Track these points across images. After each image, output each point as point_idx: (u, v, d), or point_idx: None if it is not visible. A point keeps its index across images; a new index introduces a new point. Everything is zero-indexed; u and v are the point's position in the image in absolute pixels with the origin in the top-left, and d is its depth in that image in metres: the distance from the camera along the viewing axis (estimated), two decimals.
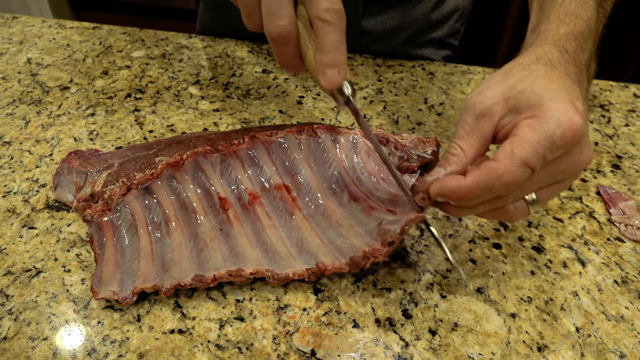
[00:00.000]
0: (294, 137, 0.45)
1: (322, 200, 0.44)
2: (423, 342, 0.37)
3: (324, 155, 0.46)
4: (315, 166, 0.46)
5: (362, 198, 0.43)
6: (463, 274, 0.39)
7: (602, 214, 0.48)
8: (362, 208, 0.42)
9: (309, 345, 0.36)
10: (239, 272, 0.39)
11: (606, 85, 0.65)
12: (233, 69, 0.65)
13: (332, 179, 0.45)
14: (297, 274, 0.39)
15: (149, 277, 0.39)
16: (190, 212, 0.42)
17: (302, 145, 0.46)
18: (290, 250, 0.41)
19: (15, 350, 0.35)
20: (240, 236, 0.41)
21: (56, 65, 0.65)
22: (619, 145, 0.56)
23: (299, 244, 0.41)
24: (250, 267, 0.39)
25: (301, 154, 0.46)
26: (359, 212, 0.42)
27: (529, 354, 0.37)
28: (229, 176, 0.44)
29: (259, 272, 0.39)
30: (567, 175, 0.34)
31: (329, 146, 0.46)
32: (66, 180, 0.46)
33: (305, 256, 0.40)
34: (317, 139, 0.46)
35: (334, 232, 0.41)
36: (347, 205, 0.43)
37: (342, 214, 0.43)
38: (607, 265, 0.43)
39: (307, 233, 0.42)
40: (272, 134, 0.45)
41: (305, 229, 0.42)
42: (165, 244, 0.41)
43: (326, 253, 0.40)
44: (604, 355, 0.37)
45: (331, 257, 0.40)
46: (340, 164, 0.45)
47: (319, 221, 0.42)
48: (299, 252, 0.41)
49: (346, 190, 0.44)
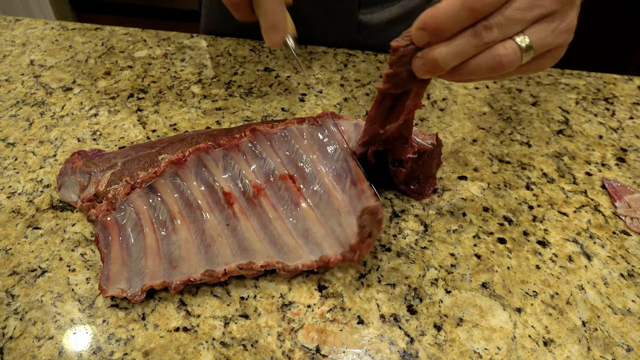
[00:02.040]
0: (295, 127, 0.45)
1: (327, 189, 0.43)
2: (428, 338, 0.37)
3: (327, 141, 0.45)
4: (319, 153, 0.45)
5: (359, 182, 0.42)
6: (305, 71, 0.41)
7: (608, 208, 0.47)
8: (357, 193, 0.42)
9: (313, 342, 0.36)
10: (250, 265, 0.39)
11: (610, 79, 0.65)
12: (235, 68, 0.65)
13: (337, 164, 0.44)
14: (306, 265, 0.39)
15: (157, 274, 0.39)
16: (195, 208, 0.42)
17: (305, 134, 0.45)
18: (297, 241, 0.41)
19: (22, 349, 0.35)
20: (248, 230, 0.41)
21: (59, 66, 0.65)
22: (624, 138, 0.56)
23: (305, 235, 0.41)
24: (260, 260, 0.39)
25: (304, 142, 0.45)
26: (355, 197, 0.42)
27: (534, 349, 0.36)
28: (232, 170, 0.44)
29: (269, 265, 0.39)
30: (553, 5, 0.32)
31: (331, 132, 0.45)
32: (70, 180, 0.46)
33: (311, 247, 0.40)
34: (319, 126, 0.46)
35: (335, 221, 0.41)
36: (349, 191, 0.43)
37: (344, 201, 0.42)
38: (613, 258, 0.43)
39: (312, 223, 0.42)
40: (274, 126, 0.45)
41: (311, 219, 0.42)
42: (172, 241, 0.41)
43: (331, 244, 0.40)
44: (610, 348, 0.37)
45: (336, 247, 0.40)
46: (344, 149, 0.45)
47: (323, 210, 0.42)
48: (306, 243, 0.41)
49: (349, 175, 0.43)
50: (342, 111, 0.58)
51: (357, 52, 0.68)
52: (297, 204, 0.43)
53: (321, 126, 0.46)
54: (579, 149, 0.54)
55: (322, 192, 0.43)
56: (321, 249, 0.40)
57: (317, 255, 0.40)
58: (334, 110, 0.58)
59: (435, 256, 0.42)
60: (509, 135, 0.55)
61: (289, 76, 0.63)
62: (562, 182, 0.50)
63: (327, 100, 0.59)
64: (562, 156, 0.53)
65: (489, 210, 0.46)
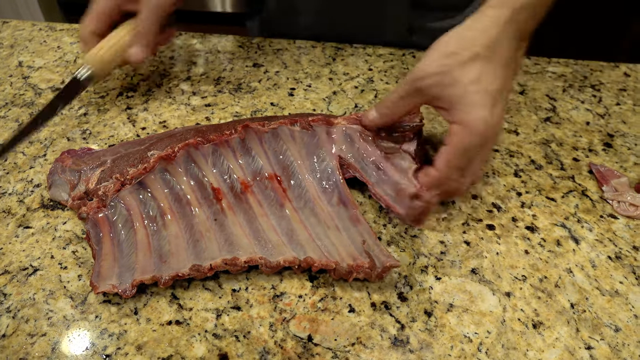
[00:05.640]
0: (287, 128, 0.46)
1: (312, 197, 0.44)
2: (419, 324, 0.37)
3: (317, 150, 0.46)
4: (307, 160, 0.46)
5: (350, 205, 0.43)
6: None
7: (595, 192, 0.48)
8: (350, 217, 0.43)
9: (305, 331, 0.37)
10: (234, 261, 0.39)
11: (597, 66, 0.65)
12: (224, 64, 0.65)
13: (324, 175, 0.45)
14: (288, 260, 0.39)
15: (148, 269, 0.39)
16: (184, 204, 0.42)
17: (296, 137, 0.46)
18: (281, 238, 0.41)
19: (15, 347, 0.36)
20: (234, 225, 0.42)
21: (47, 67, 0.65)
22: (610, 124, 0.56)
23: (289, 234, 0.41)
24: (244, 255, 0.39)
25: (294, 145, 0.46)
26: (346, 218, 0.43)
27: (524, 331, 0.37)
28: (221, 166, 0.44)
29: (252, 260, 0.39)
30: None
31: (323, 140, 0.46)
32: (60, 179, 0.46)
33: (294, 246, 0.41)
34: (311, 132, 0.46)
35: (322, 230, 0.42)
36: (336, 207, 0.43)
37: (330, 214, 0.43)
38: (601, 241, 0.43)
39: (296, 225, 0.42)
40: (265, 124, 0.46)
41: (295, 221, 0.42)
42: (162, 236, 0.41)
43: (314, 248, 0.40)
44: (599, 329, 0.37)
45: (319, 252, 0.40)
46: (333, 161, 0.45)
47: (307, 216, 0.43)
48: (290, 241, 0.41)
49: (336, 191, 0.44)
50: (331, 104, 0.58)
51: (345, 45, 0.68)
52: (281, 205, 0.43)
53: (314, 131, 0.46)
54: (566, 136, 0.54)
55: (307, 199, 0.44)
56: (304, 251, 0.40)
57: (300, 254, 0.40)
58: (322, 103, 0.58)
59: (425, 244, 0.43)
60: None
61: (277, 71, 0.63)
62: (550, 168, 0.50)
63: (316, 94, 0.60)
64: (550, 143, 0.53)
65: (477, 198, 0.47)
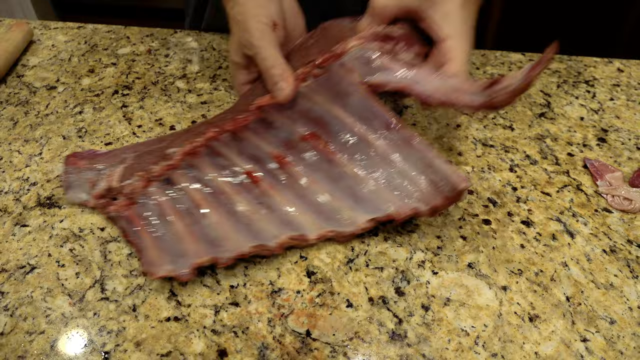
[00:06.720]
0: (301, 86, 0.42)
1: (358, 137, 0.39)
2: (416, 318, 0.38)
3: (340, 88, 0.41)
4: (335, 103, 0.42)
5: (396, 122, 0.39)
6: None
7: (590, 187, 0.48)
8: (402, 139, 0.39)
9: (303, 326, 0.37)
10: (302, 237, 0.38)
11: (590, 62, 0.66)
12: (219, 62, 0.65)
13: (359, 108, 0.41)
14: (362, 228, 0.38)
15: (201, 253, 0.38)
16: (217, 194, 0.42)
17: (313, 89, 0.42)
18: (344, 202, 0.39)
19: (13, 345, 0.36)
20: (284, 205, 0.40)
21: (42, 65, 0.64)
22: (605, 119, 0.57)
23: (352, 194, 0.39)
24: (312, 233, 0.39)
25: (316, 97, 0.42)
26: (401, 143, 0.39)
27: (520, 325, 0.37)
28: (248, 150, 0.43)
29: (322, 236, 0.39)
30: None
31: (341, 75, 0.42)
32: (78, 180, 0.45)
33: (364, 205, 0.38)
34: (325, 75, 0.42)
35: (384, 171, 0.39)
36: (385, 134, 0.39)
37: (383, 148, 0.39)
38: (596, 235, 0.44)
39: (353, 176, 0.39)
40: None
41: (352, 175, 0.39)
42: (204, 225, 0.40)
43: (384, 198, 0.37)
44: (594, 322, 0.38)
45: (389, 200, 0.37)
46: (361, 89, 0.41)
47: (361, 160, 0.39)
48: (356, 203, 0.38)
49: (378, 117, 0.40)
50: None
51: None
52: (330, 161, 0.39)
53: (328, 72, 0.42)
54: (560, 131, 0.55)
55: (354, 142, 0.39)
56: (375, 205, 0.37)
57: (371, 213, 0.37)
58: None
59: (421, 239, 0.43)
60: (492, 120, 0.56)
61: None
62: (545, 163, 0.51)
63: None
64: (545, 138, 0.54)
65: (473, 193, 0.47)
